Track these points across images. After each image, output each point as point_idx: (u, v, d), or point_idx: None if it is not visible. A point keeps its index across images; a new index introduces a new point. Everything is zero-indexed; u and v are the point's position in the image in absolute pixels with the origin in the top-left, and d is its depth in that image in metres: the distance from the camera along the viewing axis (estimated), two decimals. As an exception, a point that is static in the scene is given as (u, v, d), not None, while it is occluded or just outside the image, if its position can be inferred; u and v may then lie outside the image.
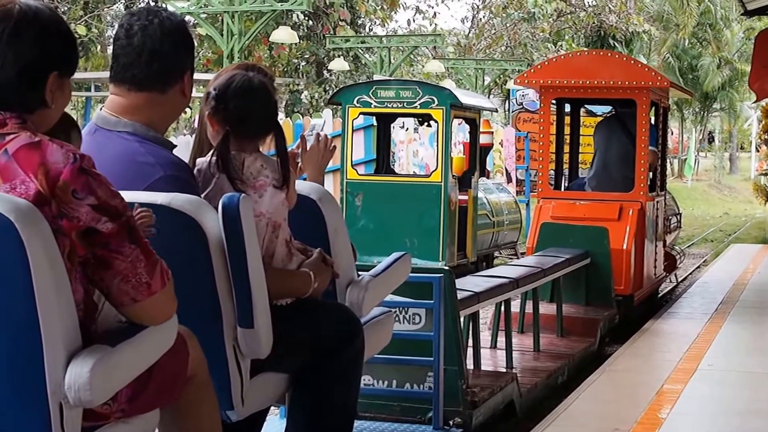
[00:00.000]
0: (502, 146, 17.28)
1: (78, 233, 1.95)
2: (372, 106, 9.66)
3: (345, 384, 2.83)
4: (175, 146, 2.73)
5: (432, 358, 3.64)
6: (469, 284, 4.52)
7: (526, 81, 7.54)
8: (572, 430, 3.88)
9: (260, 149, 2.79)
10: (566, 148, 8.04)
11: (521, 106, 17.15)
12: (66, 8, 21.07)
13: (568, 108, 7.95)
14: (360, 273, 3.00)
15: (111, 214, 1.97)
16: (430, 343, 3.67)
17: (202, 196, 2.63)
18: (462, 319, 4.23)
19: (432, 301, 3.65)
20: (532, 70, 7.56)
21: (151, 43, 2.50)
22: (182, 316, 2.27)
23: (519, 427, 4.34)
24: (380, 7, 20.32)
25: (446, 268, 3.90)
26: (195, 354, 2.29)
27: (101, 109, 2.61)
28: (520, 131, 16.31)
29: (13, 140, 1.95)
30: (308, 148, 2.99)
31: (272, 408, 3.62)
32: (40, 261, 1.89)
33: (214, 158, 2.67)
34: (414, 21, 23.38)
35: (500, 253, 12.64)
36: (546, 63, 7.64)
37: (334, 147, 3.09)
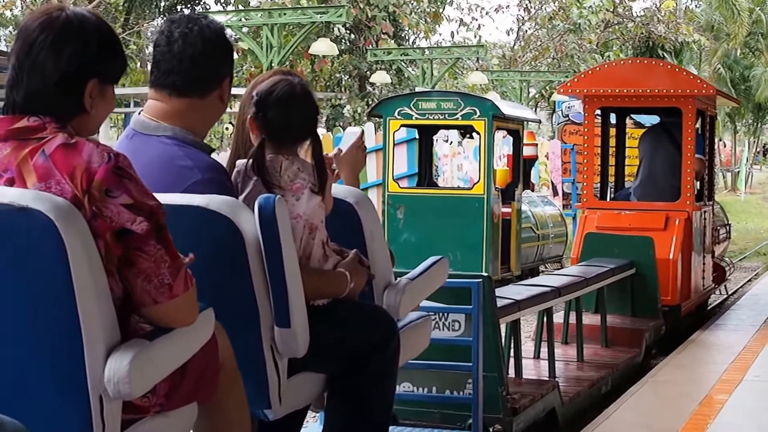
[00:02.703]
0: (548, 159, 17.18)
1: (112, 233, 1.98)
2: (413, 118, 9.66)
3: (381, 385, 2.83)
4: (213, 149, 2.76)
5: (471, 364, 3.63)
6: (510, 292, 4.51)
7: (570, 90, 7.50)
8: None
9: (298, 153, 2.82)
10: (612, 160, 7.97)
11: (567, 118, 17.04)
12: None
13: (613, 118, 7.89)
14: (397, 277, 3.01)
15: (146, 213, 1.99)
16: (470, 349, 3.65)
17: (241, 198, 2.67)
18: (504, 328, 4.20)
19: (471, 307, 3.64)
20: (576, 79, 7.51)
21: (192, 50, 2.53)
22: (220, 316, 2.30)
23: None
24: (423, 20, 20.38)
25: (485, 274, 3.89)
26: (222, 343, 2.31)
27: (139, 113, 2.64)
28: (566, 144, 16.22)
29: (49, 141, 1.99)
30: (344, 152, 3.01)
31: (314, 414, 3.63)
32: (79, 258, 1.93)
33: (251, 162, 2.71)
34: (458, 33, 23.44)
35: (546, 267, 12.56)
36: (590, 72, 7.58)
37: (365, 147, 3.11)
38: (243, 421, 2.44)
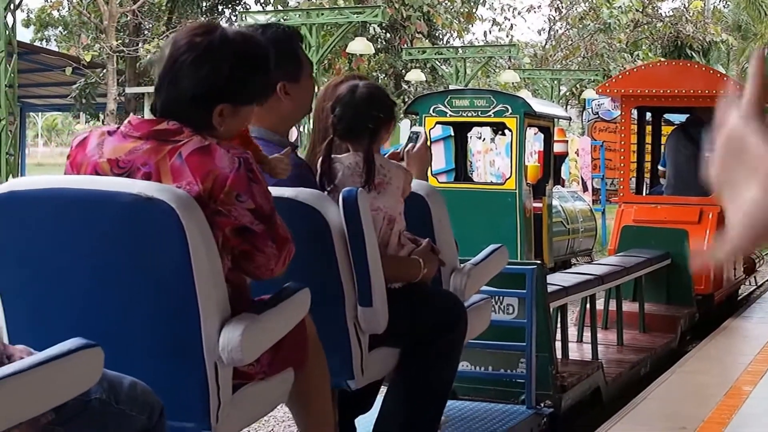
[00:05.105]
0: (578, 155, 17.37)
1: (232, 229, 2.25)
2: (447, 115, 9.80)
3: (447, 361, 3.10)
4: (297, 146, 3.07)
5: (525, 344, 3.91)
6: (557, 279, 4.78)
7: (607, 90, 7.76)
8: (639, 428, 3.93)
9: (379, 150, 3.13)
10: (648, 157, 8.21)
11: (597, 116, 17.28)
12: (150, 24, 21.83)
13: (648, 117, 8.13)
14: (461, 262, 3.31)
15: (262, 217, 2.26)
16: (523, 332, 3.91)
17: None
18: (551, 311, 4.45)
19: (525, 291, 3.92)
20: (614, 80, 7.78)
21: None
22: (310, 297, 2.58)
23: (605, 412, 4.50)
24: (457, 19, 20.59)
25: (538, 261, 4.17)
26: (306, 319, 2.59)
27: None
28: (595, 140, 16.43)
29: (186, 144, 2.23)
30: (414, 150, 3.30)
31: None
32: (198, 242, 2.19)
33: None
34: (490, 33, 23.64)
35: (577, 261, 12.78)
36: (627, 73, 7.83)
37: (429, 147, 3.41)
38: (325, 390, 2.72)
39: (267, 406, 2.58)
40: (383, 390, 3.30)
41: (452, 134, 11.27)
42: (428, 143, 3.39)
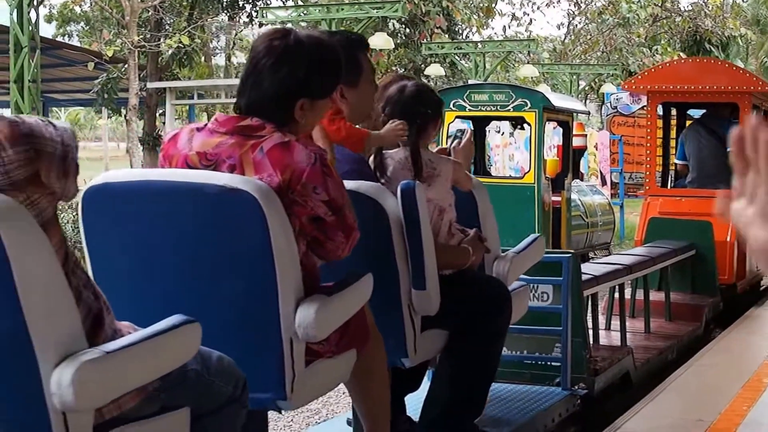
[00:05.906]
0: (596, 149, 17.52)
1: (308, 217, 2.48)
2: (467, 109, 9.90)
3: (493, 343, 3.33)
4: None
5: (560, 328, 4.12)
6: (588, 269, 4.98)
7: (633, 86, 7.96)
8: (656, 420, 4.02)
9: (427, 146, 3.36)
10: (672, 151, 8.39)
11: (615, 110, 17.42)
12: (171, 20, 22.06)
13: (673, 113, 8.33)
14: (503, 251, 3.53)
15: (334, 209, 2.48)
16: (557, 317, 4.12)
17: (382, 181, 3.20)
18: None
19: (561, 278, 4.14)
20: (640, 76, 7.97)
21: None
22: (369, 280, 2.79)
23: (633, 396, 4.69)
24: (476, 14, 20.70)
25: (572, 251, 4.39)
26: (365, 307, 2.79)
27: None
28: (614, 134, 16.58)
29: (267, 139, 2.45)
30: (460, 146, 3.53)
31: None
32: (277, 229, 2.39)
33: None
34: (509, 28, 23.76)
35: (595, 254, 12.95)
36: (653, 69, 8.02)
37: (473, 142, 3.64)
38: (382, 372, 2.95)
39: (333, 381, 2.79)
40: (428, 372, 3.51)
41: (472, 128, 11.43)
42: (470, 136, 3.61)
